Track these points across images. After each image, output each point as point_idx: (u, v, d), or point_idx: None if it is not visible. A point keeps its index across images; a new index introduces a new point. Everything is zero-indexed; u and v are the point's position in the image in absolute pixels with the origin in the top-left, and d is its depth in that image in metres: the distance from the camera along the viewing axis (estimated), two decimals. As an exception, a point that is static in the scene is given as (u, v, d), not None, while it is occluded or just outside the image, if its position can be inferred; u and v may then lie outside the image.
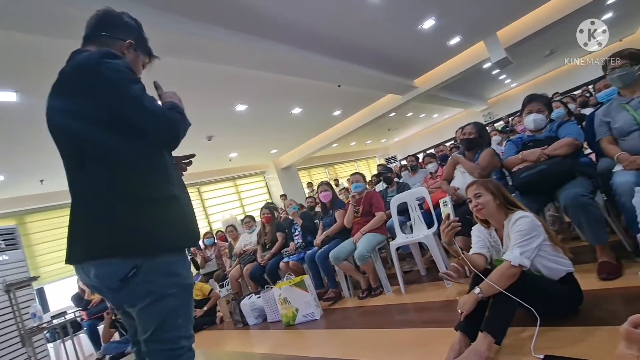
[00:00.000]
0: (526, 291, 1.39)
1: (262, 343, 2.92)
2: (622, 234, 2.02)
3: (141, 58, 1.16)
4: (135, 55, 1.13)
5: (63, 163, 1.03)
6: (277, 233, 4.14)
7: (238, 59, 3.55)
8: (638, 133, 1.89)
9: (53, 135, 1.02)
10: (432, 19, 4.46)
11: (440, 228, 1.60)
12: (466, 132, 2.66)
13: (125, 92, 0.95)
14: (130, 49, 1.10)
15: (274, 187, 10.16)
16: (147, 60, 1.19)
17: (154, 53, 1.20)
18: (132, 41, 1.11)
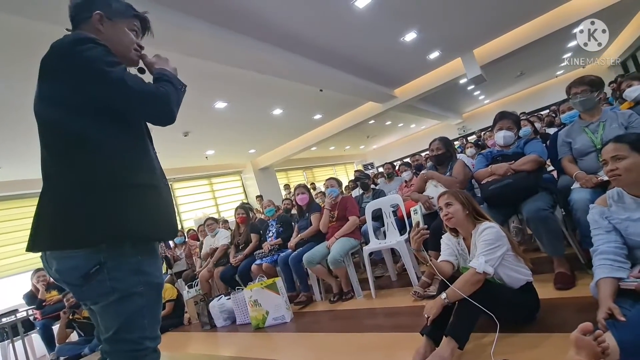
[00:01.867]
0: (488, 298, 1.45)
1: (229, 345, 2.86)
2: (577, 247, 2.17)
3: (125, 25, 1.04)
4: (112, 25, 1.00)
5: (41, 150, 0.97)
6: (252, 234, 4.07)
7: (220, 55, 3.49)
8: (595, 154, 2.05)
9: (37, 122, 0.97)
10: (414, 32, 4.60)
11: (410, 235, 1.64)
12: (434, 148, 2.76)
13: (104, 78, 0.89)
14: (104, 21, 0.98)
15: (251, 188, 10.02)
16: (137, 23, 1.07)
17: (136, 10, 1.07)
18: (100, 12, 0.98)
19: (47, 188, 0.93)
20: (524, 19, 5.52)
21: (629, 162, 1.32)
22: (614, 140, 1.41)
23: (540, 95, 12.82)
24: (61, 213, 0.89)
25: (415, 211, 1.72)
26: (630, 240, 1.37)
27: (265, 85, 4.75)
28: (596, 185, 1.88)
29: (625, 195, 1.41)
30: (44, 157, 0.95)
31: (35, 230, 0.92)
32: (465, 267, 1.63)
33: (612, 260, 1.33)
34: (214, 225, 4.54)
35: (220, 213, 9.15)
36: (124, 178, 0.93)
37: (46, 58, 0.92)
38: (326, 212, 3.28)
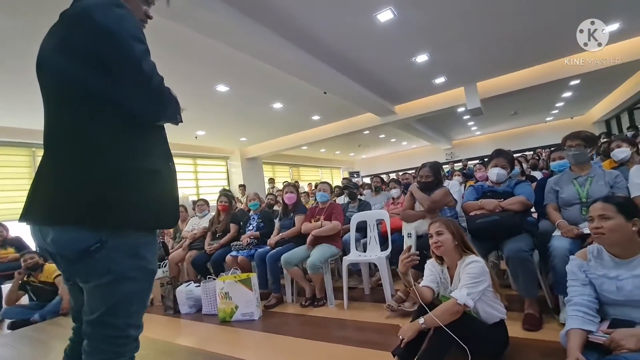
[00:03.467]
0: (463, 330, 1.49)
1: (191, 335, 2.78)
2: (548, 291, 2.26)
3: (141, 6, 1.00)
4: (135, 3, 0.98)
5: (44, 106, 0.90)
6: (231, 224, 4.00)
7: (232, 39, 3.41)
8: (579, 206, 2.14)
9: (40, 75, 0.90)
10: (426, 54, 4.69)
11: (400, 257, 1.66)
12: (423, 174, 2.80)
13: (125, 50, 0.84)
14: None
15: (235, 175, 9.87)
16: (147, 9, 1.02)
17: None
18: None
19: (51, 156, 0.88)
20: (528, 64, 5.74)
21: (613, 223, 1.38)
22: (602, 200, 1.47)
23: (528, 136, 13.35)
24: (66, 187, 0.84)
25: (409, 235, 1.74)
26: (603, 296, 1.44)
27: (271, 77, 4.69)
28: (576, 236, 1.97)
29: (604, 253, 1.47)
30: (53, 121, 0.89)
31: (33, 200, 0.86)
32: (445, 296, 1.67)
33: (584, 313, 1.39)
34: (204, 207, 4.46)
35: (200, 195, 8.96)
36: (136, 161, 0.89)
37: (76, 17, 0.86)
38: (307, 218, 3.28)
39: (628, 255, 1.39)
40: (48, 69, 0.89)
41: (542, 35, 4.64)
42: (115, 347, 0.88)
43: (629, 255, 1.39)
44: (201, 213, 4.41)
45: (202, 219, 4.36)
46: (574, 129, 8.91)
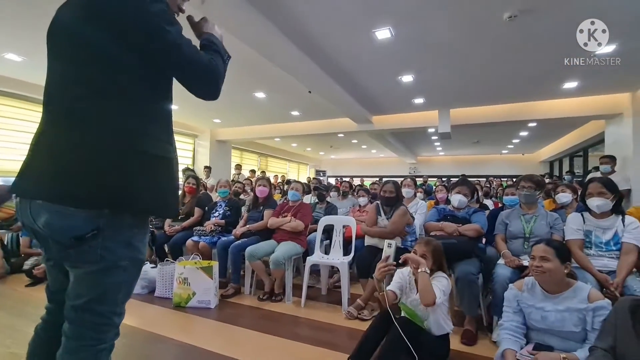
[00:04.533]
0: (414, 338, 1.66)
1: (142, 317, 2.67)
2: (485, 311, 2.54)
3: None
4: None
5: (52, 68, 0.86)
6: (196, 208, 3.91)
7: (230, 25, 3.32)
8: (522, 240, 2.44)
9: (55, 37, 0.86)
10: (411, 75, 4.94)
11: (378, 265, 1.83)
12: (387, 190, 2.97)
13: (161, 37, 0.84)
14: None
15: (201, 155, 9.54)
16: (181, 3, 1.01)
17: None
18: None
19: (56, 124, 0.84)
20: (498, 101, 6.27)
21: (551, 265, 1.62)
22: (545, 243, 1.71)
23: (484, 164, 14.45)
24: (69, 164, 0.81)
25: (389, 245, 1.90)
26: (529, 323, 1.69)
27: (260, 67, 4.63)
28: (516, 267, 2.24)
29: (537, 287, 1.72)
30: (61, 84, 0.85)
31: (28, 172, 0.82)
32: (404, 303, 1.85)
33: (513, 336, 1.63)
34: None
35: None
36: (147, 145, 0.88)
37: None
38: (275, 213, 3.33)
39: (556, 291, 1.65)
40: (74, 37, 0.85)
41: (514, 81, 5.12)
42: (97, 333, 0.88)
43: (556, 292, 1.65)
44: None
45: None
46: (524, 163, 9.98)
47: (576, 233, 2.22)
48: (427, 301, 1.69)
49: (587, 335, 1.51)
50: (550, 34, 3.58)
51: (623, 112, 5.53)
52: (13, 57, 4.63)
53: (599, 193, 2.18)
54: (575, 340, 1.54)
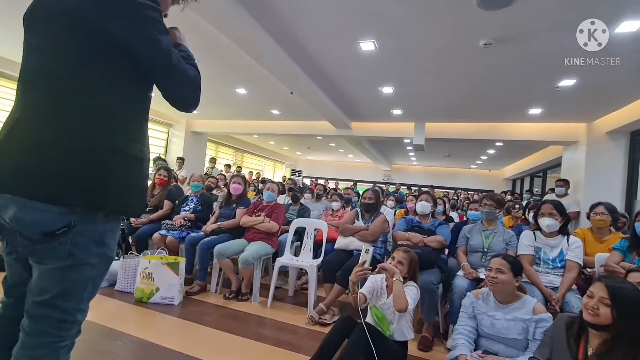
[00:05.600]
0: (377, 341, 1.74)
1: (99, 310, 2.57)
2: (442, 318, 2.68)
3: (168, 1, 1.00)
4: None
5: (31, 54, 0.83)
6: (166, 200, 3.81)
7: (217, 20, 3.26)
8: (481, 254, 2.61)
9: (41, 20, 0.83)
10: (391, 87, 5.10)
11: (354, 269, 1.92)
12: (366, 197, 3.12)
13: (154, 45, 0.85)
14: None
15: (175, 146, 9.23)
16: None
17: None
18: None
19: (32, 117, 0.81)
20: (470, 119, 6.61)
21: (505, 277, 1.77)
22: (502, 257, 1.86)
23: (454, 176, 15.11)
24: (45, 159, 0.78)
25: (367, 251, 2.02)
26: (480, 329, 1.83)
27: (243, 64, 4.57)
28: (474, 279, 2.40)
29: (491, 297, 1.86)
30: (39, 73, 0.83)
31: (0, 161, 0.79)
32: (375, 306, 1.95)
33: (466, 340, 1.76)
34: None
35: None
36: (126, 144, 0.88)
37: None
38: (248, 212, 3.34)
39: (506, 302, 1.80)
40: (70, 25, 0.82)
41: (486, 103, 5.43)
42: (59, 330, 0.85)
43: (507, 302, 1.80)
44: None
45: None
46: (490, 179, 10.52)
47: (527, 249, 2.42)
48: (399, 307, 1.80)
49: (528, 344, 1.66)
50: (521, 63, 3.84)
51: (579, 140, 6.02)
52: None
53: (549, 214, 2.39)
54: (517, 348, 1.69)
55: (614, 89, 4.35)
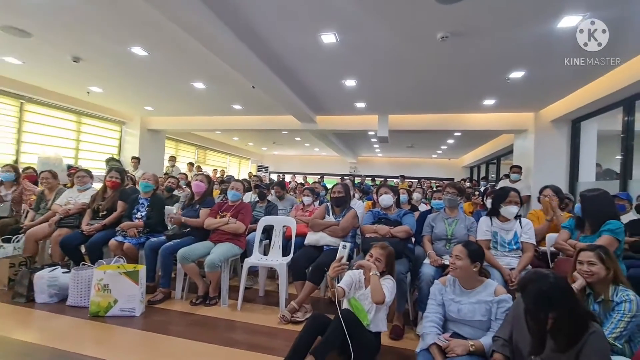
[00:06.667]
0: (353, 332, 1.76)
1: (49, 329, 2.33)
2: (412, 306, 2.76)
3: None
4: None
5: None
6: (119, 201, 3.50)
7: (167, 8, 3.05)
8: (444, 241, 2.70)
9: None
10: (354, 80, 5.12)
11: (332, 264, 1.95)
12: (336, 191, 3.11)
13: None
14: None
15: (129, 144, 8.63)
16: None
17: None
18: None
19: None
20: (430, 111, 6.84)
21: (462, 263, 1.85)
22: (462, 244, 1.93)
23: (417, 166, 15.70)
24: None
25: (344, 246, 2.05)
26: (447, 314, 1.90)
27: (200, 56, 4.33)
28: (439, 266, 2.49)
29: (456, 282, 1.94)
30: None
31: None
32: (354, 297, 1.99)
33: (435, 327, 1.81)
34: (87, 179, 3.73)
35: (79, 159, 7.54)
36: None
37: None
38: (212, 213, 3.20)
39: (469, 287, 1.88)
40: None
41: (444, 94, 5.64)
42: None
43: (470, 287, 1.88)
44: (82, 186, 3.73)
45: (81, 193, 3.70)
46: (450, 167, 11.09)
47: (485, 234, 2.56)
48: (377, 299, 1.87)
49: (491, 325, 1.75)
50: (476, 56, 4.01)
51: (528, 129, 6.47)
52: None
53: (515, 202, 2.54)
54: (481, 329, 1.78)
55: (558, 80, 4.70)
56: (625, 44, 3.44)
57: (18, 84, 5.98)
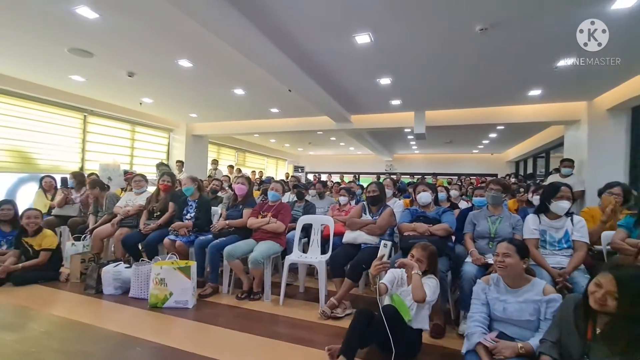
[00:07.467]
0: (395, 330, 1.79)
1: (116, 318, 2.62)
2: (452, 305, 2.71)
3: None
4: None
5: None
6: (170, 203, 3.82)
7: (209, 22, 3.24)
8: (487, 240, 2.62)
9: None
10: (389, 79, 5.08)
11: (373, 262, 2.01)
12: (370, 190, 3.11)
13: None
14: None
15: (176, 150, 9.27)
16: None
17: None
18: None
19: None
20: (470, 105, 6.57)
21: (511, 260, 1.79)
22: (508, 241, 1.88)
23: (456, 162, 15.06)
24: None
25: (385, 245, 2.09)
26: (493, 314, 1.85)
27: (239, 64, 4.57)
28: (482, 265, 2.42)
29: (501, 281, 1.88)
30: None
31: None
32: (396, 294, 2.02)
33: (481, 327, 1.78)
34: (143, 183, 4.13)
35: (134, 165, 8.24)
36: None
37: None
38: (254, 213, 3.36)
39: (516, 286, 1.82)
40: None
41: (485, 87, 5.39)
42: None
43: (517, 286, 1.82)
44: (139, 190, 4.12)
45: (138, 196, 4.08)
46: (492, 162, 10.52)
47: (533, 233, 2.43)
48: (417, 298, 1.90)
49: (540, 324, 1.69)
50: (518, 46, 3.80)
51: (580, 119, 5.97)
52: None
53: (567, 197, 2.39)
54: (529, 329, 1.72)
55: (614, 65, 4.30)
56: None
57: (82, 98, 6.69)
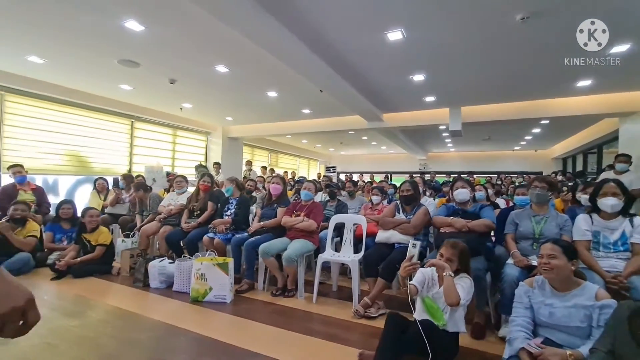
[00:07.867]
0: (432, 338, 1.74)
1: (161, 310, 2.81)
2: (492, 308, 2.58)
3: None
4: None
5: None
6: (209, 202, 4.02)
7: (243, 27, 3.38)
8: (531, 241, 2.47)
9: None
10: (422, 75, 4.96)
11: (402, 263, 1.95)
12: (404, 189, 3.06)
13: None
14: None
15: (213, 152, 9.71)
16: None
17: None
18: None
19: None
20: (509, 99, 6.22)
21: (558, 262, 1.68)
22: (552, 242, 1.76)
23: (495, 160, 14.28)
24: None
25: (414, 245, 2.03)
26: (537, 318, 1.74)
27: (272, 67, 4.70)
28: (525, 267, 2.28)
29: (546, 285, 1.77)
30: None
31: None
32: (428, 296, 1.94)
33: (524, 331, 1.68)
34: (183, 184, 4.41)
35: (175, 167, 8.75)
36: None
37: None
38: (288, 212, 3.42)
39: (564, 289, 1.70)
40: None
41: (526, 80, 5.08)
42: None
43: (565, 290, 1.70)
44: (180, 190, 4.39)
45: (179, 196, 4.34)
46: (536, 160, 9.89)
47: (584, 234, 2.25)
48: (451, 301, 1.79)
49: (592, 332, 1.56)
50: (564, 34, 3.54)
51: (637, 111, 5.42)
52: (35, 60, 4.81)
53: (613, 193, 2.20)
54: (579, 336, 1.59)
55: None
56: None
57: (129, 106, 7.23)
